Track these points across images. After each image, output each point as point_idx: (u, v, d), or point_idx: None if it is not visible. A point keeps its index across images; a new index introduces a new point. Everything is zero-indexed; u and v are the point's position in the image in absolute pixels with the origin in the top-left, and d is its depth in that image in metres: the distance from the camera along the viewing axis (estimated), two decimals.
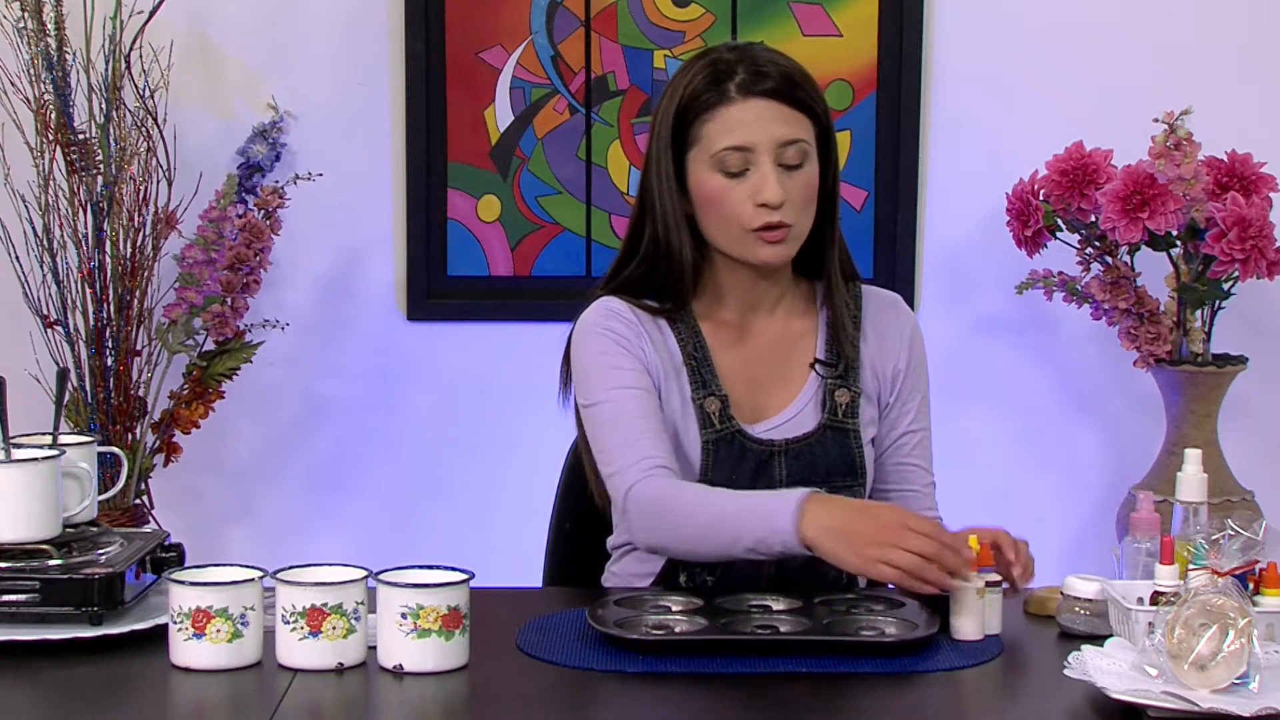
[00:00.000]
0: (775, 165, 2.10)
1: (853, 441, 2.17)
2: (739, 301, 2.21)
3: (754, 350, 2.21)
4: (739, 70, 2.11)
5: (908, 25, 3.40)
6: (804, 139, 2.12)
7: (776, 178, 2.09)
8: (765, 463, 2.14)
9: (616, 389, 2.13)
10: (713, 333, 2.20)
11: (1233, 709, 1.61)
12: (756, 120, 2.10)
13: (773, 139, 2.10)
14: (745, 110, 2.10)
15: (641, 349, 2.15)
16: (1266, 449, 3.46)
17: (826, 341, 2.21)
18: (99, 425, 3.11)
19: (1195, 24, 3.41)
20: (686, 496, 2.04)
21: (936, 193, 3.46)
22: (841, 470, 2.16)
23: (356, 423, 3.48)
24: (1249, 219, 3.00)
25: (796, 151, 2.11)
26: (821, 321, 2.23)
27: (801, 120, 2.12)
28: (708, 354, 2.18)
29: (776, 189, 2.09)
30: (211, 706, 1.72)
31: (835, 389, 2.18)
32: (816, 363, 2.20)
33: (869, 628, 1.88)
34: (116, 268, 3.12)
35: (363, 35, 3.40)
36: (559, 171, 3.45)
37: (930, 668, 1.80)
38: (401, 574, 1.80)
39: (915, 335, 2.28)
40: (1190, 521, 2.02)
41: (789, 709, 1.71)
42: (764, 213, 2.10)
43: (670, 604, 1.97)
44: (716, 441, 2.14)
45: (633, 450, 2.08)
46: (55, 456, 1.92)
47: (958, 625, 1.90)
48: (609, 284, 2.22)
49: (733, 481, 2.12)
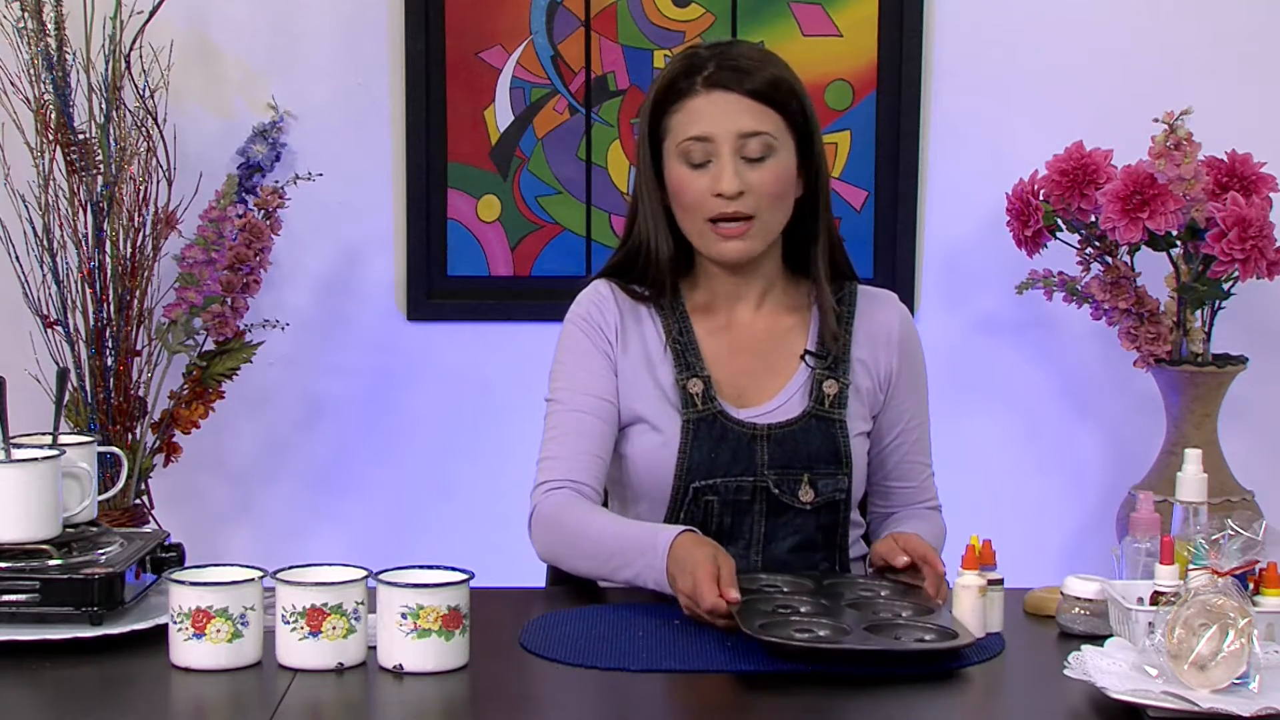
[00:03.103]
0: (736, 157, 2.14)
1: (838, 431, 2.19)
2: (722, 293, 2.25)
3: (742, 340, 2.24)
4: (709, 64, 2.16)
5: (908, 25, 3.40)
6: (767, 132, 2.14)
7: (734, 169, 2.13)
8: (746, 445, 2.16)
9: (572, 394, 2.20)
10: (700, 320, 2.24)
11: (1233, 709, 1.61)
12: (718, 112, 2.14)
13: (732, 130, 2.13)
14: (709, 102, 2.14)
15: (609, 341, 2.21)
16: (1266, 449, 3.46)
17: (818, 334, 2.24)
18: (99, 425, 3.11)
19: (1195, 24, 3.41)
20: (583, 519, 2.11)
21: (936, 193, 3.46)
22: (825, 458, 2.18)
23: (356, 423, 3.48)
24: (1249, 219, 3.00)
25: (759, 144, 2.14)
26: (814, 316, 2.25)
27: (766, 114, 2.15)
28: (693, 339, 2.22)
29: (732, 179, 2.12)
30: (211, 706, 1.72)
31: (824, 379, 2.21)
32: (806, 354, 2.22)
33: (909, 632, 1.87)
34: (116, 268, 3.12)
35: (363, 35, 3.40)
36: (559, 171, 3.45)
37: (930, 667, 1.80)
38: (401, 574, 1.80)
39: (908, 332, 2.29)
40: (1190, 521, 2.02)
41: (788, 707, 1.71)
42: (720, 203, 2.14)
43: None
44: (698, 421, 2.17)
45: (559, 465, 2.16)
46: (55, 456, 1.92)
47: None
48: (605, 268, 2.29)
49: (713, 461, 2.15)
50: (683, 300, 2.25)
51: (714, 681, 1.77)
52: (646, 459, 2.20)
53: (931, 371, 2.33)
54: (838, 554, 2.22)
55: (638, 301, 2.25)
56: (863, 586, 2.04)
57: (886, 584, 2.04)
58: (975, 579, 1.91)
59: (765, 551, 2.18)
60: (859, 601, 1.97)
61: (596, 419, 2.19)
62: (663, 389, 2.20)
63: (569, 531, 2.12)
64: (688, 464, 2.16)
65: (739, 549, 2.17)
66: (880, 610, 1.94)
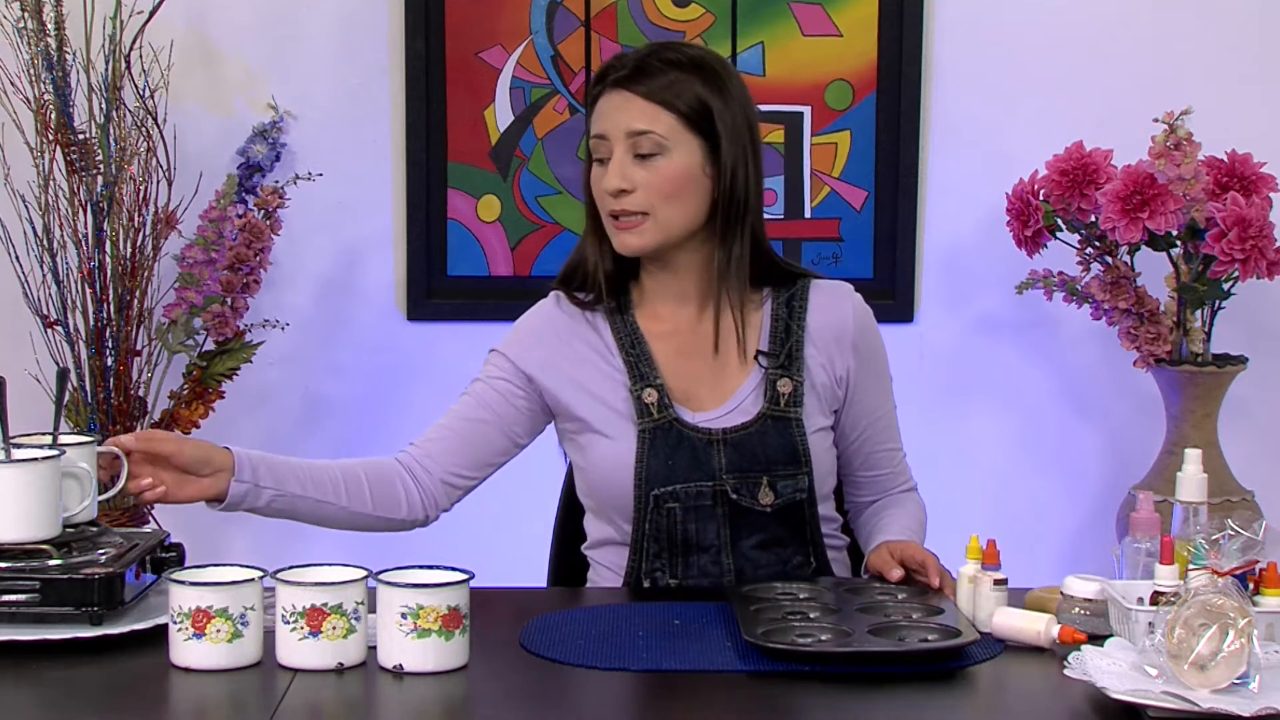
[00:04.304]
0: (627, 155, 2.17)
1: (795, 430, 2.19)
2: (662, 294, 2.26)
3: (692, 344, 2.24)
4: (626, 66, 2.19)
5: (908, 25, 3.40)
6: (655, 131, 2.16)
7: (621, 166, 2.16)
8: (704, 451, 2.17)
9: (478, 383, 2.29)
10: (649, 326, 2.25)
11: (1233, 709, 1.61)
12: (612, 110, 2.19)
13: (621, 128, 2.17)
14: (607, 101, 2.20)
15: (528, 360, 2.26)
16: (1266, 449, 3.46)
17: (770, 334, 2.23)
18: (99, 425, 3.11)
19: (1195, 24, 3.41)
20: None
21: (936, 193, 3.46)
22: (783, 459, 2.18)
23: (356, 423, 3.47)
24: (1249, 219, 3.00)
25: (647, 141, 2.16)
26: (766, 316, 2.25)
27: (658, 113, 2.16)
28: (645, 347, 2.23)
29: (614, 177, 2.17)
30: (211, 706, 1.72)
31: (777, 379, 2.20)
32: (759, 354, 2.22)
33: (913, 633, 1.87)
34: (116, 268, 3.12)
35: (363, 35, 3.40)
36: (559, 171, 3.45)
37: (931, 667, 1.80)
38: (401, 574, 1.80)
39: (863, 324, 2.28)
40: (1190, 521, 2.02)
41: (789, 707, 1.71)
42: (609, 199, 2.18)
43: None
44: (654, 430, 2.17)
45: (424, 434, 2.29)
46: (55, 456, 1.92)
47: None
48: (559, 275, 2.32)
49: (671, 469, 2.16)
50: (631, 304, 2.26)
51: (714, 681, 1.77)
52: (603, 469, 2.20)
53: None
54: (810, 549, 2.22)
55: (587, 309, 2.26)
56: (880, 590, 2.04)
57: (904, 587, 2.05)
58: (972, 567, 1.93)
59: (734, 554, 2.18)
60: (872, 605, 1.97)
61: (476, 422, 2.26)
62: (616, 399, 2.21)
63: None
64: (645, 473, 2.17)
65: (710, 555, 2.17)
66: (891, 613, 1.94)
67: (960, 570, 1.96)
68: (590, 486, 2.25)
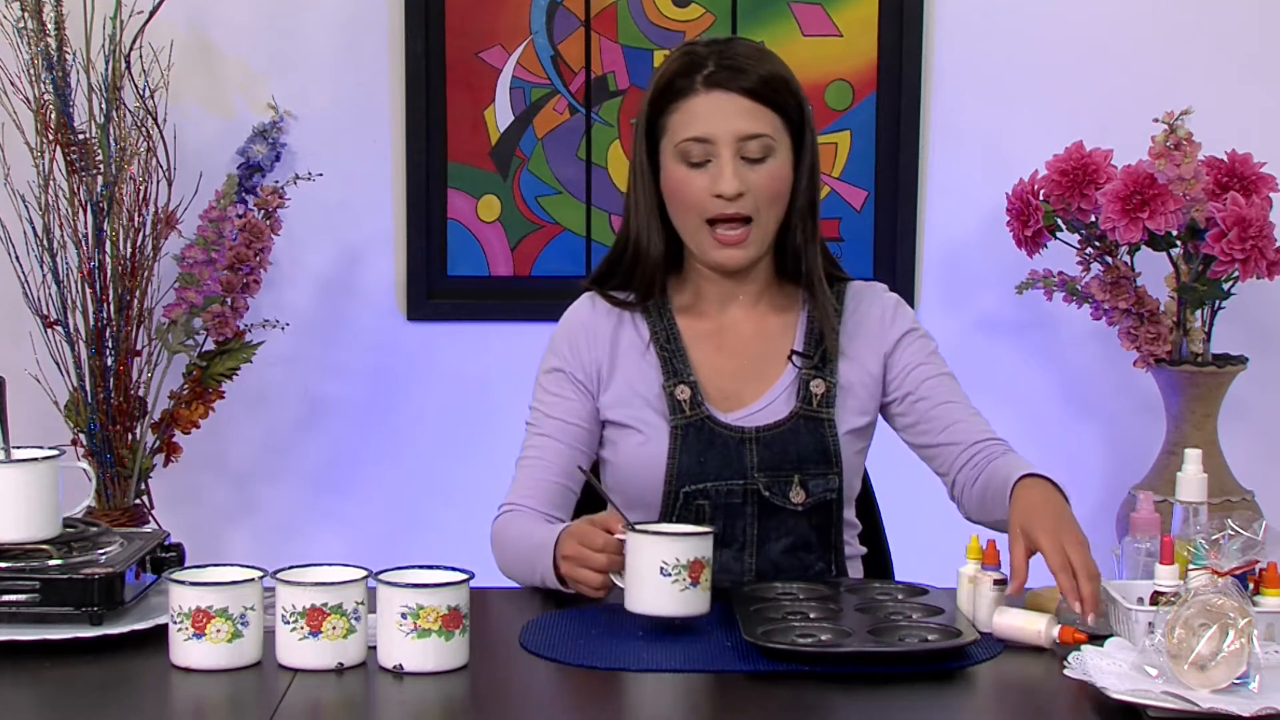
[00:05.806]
0: (736, 158, 2.13)
1: (827, 430, 2.18)
2: (712, 295, 2.24)
3: (731, 343, 2.24)
4: (709, 63, 2.15)
5: (908, 25, 3.41)
6: (767, 134, 2.14)
7: (734, 170, 2.13)
8: (735, 449, 2.16)
9: (543, 417, 2.24)
10: (689, 324, 2.24)
11: (1233, 709, 1.61)
12: (719, 113, 2.13)
13: (733, 132, 2.13)
14: (708, 102, 2.14)
15: (586, 373, 2.22)
16: (1266, 449, 3.46)
17: (805, 335, 2.23)
18: (99, 425, 3.11)
19: (1195, 24, 3.41)
20: (512, 530, 2.16)
21: (936, 193, 3.46)
22: (814, 459, 2.17)
23: (356, 423, 3.48)
24: (1249, 219, 3.00)
25: (759, 146, 2.13)
26: (802, 317, 2.24)
27: (766, 115, 2.14)
28: (680, 344, 2.21)
29: (732, 180, 2.12)
30: (211, 706, 1.72)
31: (811, 379, 2.20)
32: (794, 354, 2.21)
33: (913, 633, 1.87)
34: (116, 268, 3.12)
35: (363, 35, 3.40)
36: (559, 171, 3.45)
37: (931, 667, 1.80)
38: (401, 574, 1.80)
39: (899, 313, 2.28)
40: (1190, 521, 2.02)
41: (788, 707, 1.71)
42: (720, 203, 2.13)
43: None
44: (685, 427, 2.17)
45: (517, 489, 2.22)
46: (55, 456, 1.92)
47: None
48: (594, 275, 2.29)
49: (702, 466, 2.15)
50: (670, 301, 2.25)
51: (714, 681, 1.77)
52: (634, 464, 2.20)
53: None
54: (833, 554, 2.22)
55: (623, 309, 2.24)
56: (879, 589, 2.04)
57: (904, 588, 2.04)
58: (972, 567, 1.92)
59: (759, 554, 2.17)
60: (871, 605, 1.97)
61: (563, 445, 2.21)
62: (650, 395, 2.20)
63: (502, 546, 2.18)
64: (677, 469, 2.16)
65: (733, 552, 2.17)
66: (891, 613, 1.94)
67: (960, 570, 1.96)
68: (618, 481, 2.24)
